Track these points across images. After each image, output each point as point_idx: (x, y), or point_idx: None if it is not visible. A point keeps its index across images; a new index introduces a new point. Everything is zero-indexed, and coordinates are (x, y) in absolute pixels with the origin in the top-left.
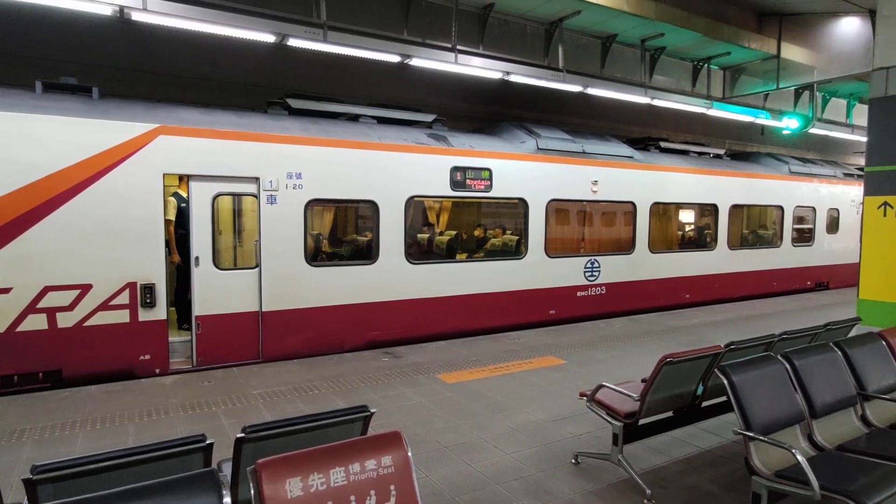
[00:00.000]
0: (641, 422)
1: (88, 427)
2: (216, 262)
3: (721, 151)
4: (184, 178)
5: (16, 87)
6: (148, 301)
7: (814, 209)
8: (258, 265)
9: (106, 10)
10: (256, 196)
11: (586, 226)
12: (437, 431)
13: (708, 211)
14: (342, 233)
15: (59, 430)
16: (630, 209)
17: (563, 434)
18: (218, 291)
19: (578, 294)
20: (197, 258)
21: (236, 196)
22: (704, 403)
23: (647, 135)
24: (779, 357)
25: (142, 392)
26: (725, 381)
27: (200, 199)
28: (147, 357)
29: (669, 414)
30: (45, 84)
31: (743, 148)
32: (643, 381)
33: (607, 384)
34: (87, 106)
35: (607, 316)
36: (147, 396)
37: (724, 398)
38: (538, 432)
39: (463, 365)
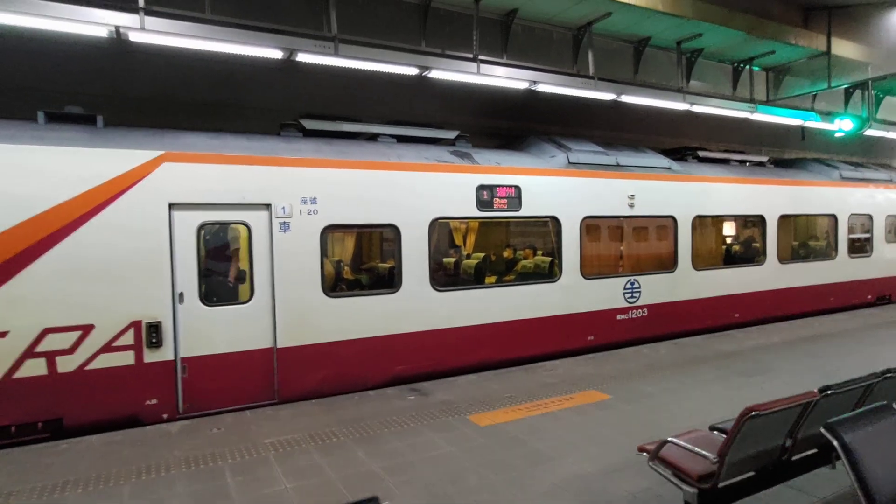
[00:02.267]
0: (720, 485)
1: (80, 489)
2: (236, 297)
3: (763, 159)
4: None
5: (18, 119)
6: (154, 341)
7: (870, 217)
8: (251, 298)
9: (102, 32)
10: (268, 224)
11: (624, 243)
12: (469, 490)
13: (754, 223)
14: (362, 260)
15: (49, 493)
16: (670, 224)
17: (618, 492)
18: (213, 329)
19: (618, 317)
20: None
21: (247, 226)
22: (795, 457)
23: (677, 145)
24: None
25: (144, 443)
26: (836, 443)
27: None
28: (154, 402)
29: (751, 473)
30: (48, 114)
31: (780, 155)
32: (714, 429)
33: (673, 439)
34: (89, 135)
35: (649, 340)
36: (149, 448)
37: (815, 450)
38: (587, 490)
39: (496, 403)
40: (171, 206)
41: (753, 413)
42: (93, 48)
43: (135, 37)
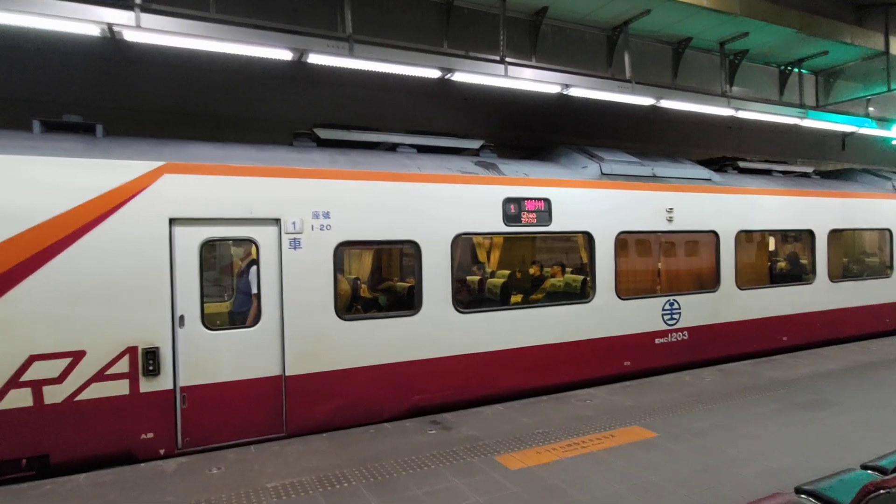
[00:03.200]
0: None
1: None
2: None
3: (809, 169)
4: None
5: (13, 130)
6: (151, 369)
7: None
8: (258, 321)
9: (94, 31)
10: (277, 240)
11: (662, 261)
12: None
13: (802, 238)
14: (379, 279)
15: None
16: (712, 240)
17: None
18: (217, 355)
19: (657, 341)
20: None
21: (254, 243)
22: None
23: (707, 156)
24: None
25: (136, 485)
26: None
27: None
28: (150, 436)
29: None
30: (44, 123)
31: (818, 166)
32: (802, 493)
33: None
34: (86, 145)
35: (690, 366)
36: (139, 491)
37: None
38: None
39: (527, 440)
40: (172, 222)
41: (876, 489)
42: (102, 59)
43: (130, 36)
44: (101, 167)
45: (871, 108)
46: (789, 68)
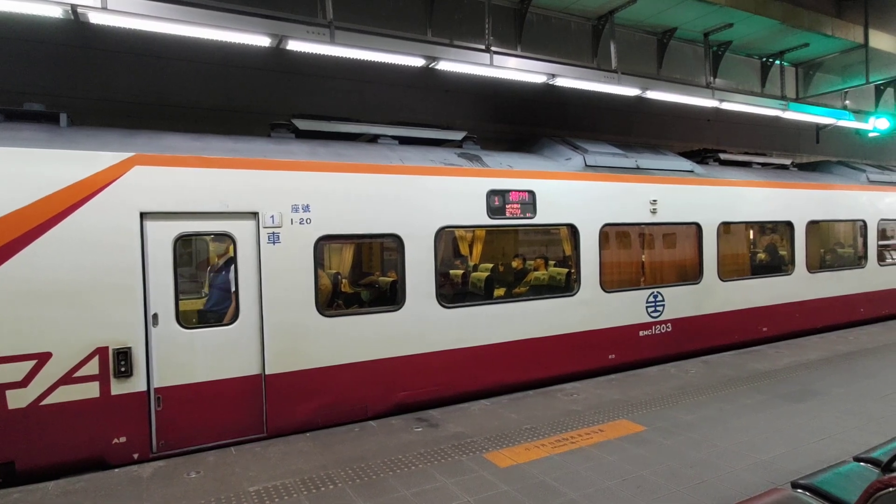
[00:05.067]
0: None
1: None
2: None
3: (787, 161)
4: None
5: None
6: (123, 370)
7: None
8: (236, 319)
9: (56, 12)
10: (255, 235)
11: (646, 253)
12: None
13: (782, 230)
14: (360, 274)
15: None
16: (695, 232)
17: None
18: (193, 354)
19: (641, 333)
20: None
21: (231, 237)
22: None
23: (687, 149)
24: None
25: (109, 492)
26: None
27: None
28: (122, 440)
29: None
30: (2, 111)
31: (793, 158)
32: (798, 487)
33: None
34: (49, 135)
35: (675, 358)
36: (113, 500)
37: None
38: None
39: (515, 436)
40: (143, 216)
41: (890, 488)
42: (70, 46)
43: (96, 18)
44: (64, 158)
45: (847, 101)
46: (771, 60)
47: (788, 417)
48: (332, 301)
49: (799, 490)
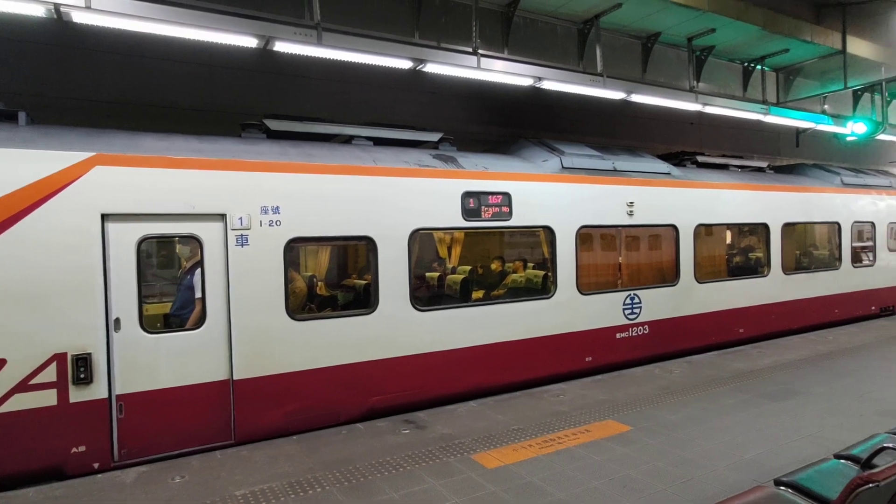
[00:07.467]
0: None
1: None
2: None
3: (763, 164)
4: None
5: None
6: (82, 377)
7: (873, 224)
8: (203, 323)
9: (39, 11)
10: (223, 237)
11: (622, 255)
12: None
13: (757, 232)
14: (332, 277)
15: None
16: (672, 234)
17: None
18: (157, 360)
19: (618, 336)
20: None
21: (197, 240)
22: None
23: (668, 151)
24: None
25: (91, 498)
26: None
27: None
28: (82, 449)
29: None
30: None
31: (773, 161)
32: (781, 484)
33: None
34: (5, 134)
35: (652, 360)
36: None
37: None
38: None
39: (503, 437)
40: (105, 217)
41: (863, 484)
42: (51, 45)
43: (80, 18)
44: (20, 158)
45: (826, 106)
46: (752, 65)
47: (770, 416)
48: (304, 305)
49: (781, 487)
